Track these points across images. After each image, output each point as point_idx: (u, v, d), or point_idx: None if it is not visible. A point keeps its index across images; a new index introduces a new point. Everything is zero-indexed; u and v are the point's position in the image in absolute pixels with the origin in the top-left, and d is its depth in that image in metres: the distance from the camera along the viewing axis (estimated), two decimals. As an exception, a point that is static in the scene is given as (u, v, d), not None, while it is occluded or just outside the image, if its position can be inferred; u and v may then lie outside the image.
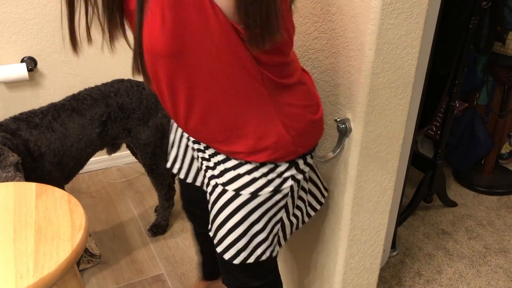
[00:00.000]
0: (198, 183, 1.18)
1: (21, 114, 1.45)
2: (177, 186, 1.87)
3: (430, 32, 1.36)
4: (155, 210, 2.00)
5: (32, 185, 1.08)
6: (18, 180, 1.23)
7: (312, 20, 1.11)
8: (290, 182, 0.96)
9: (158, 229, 1.88)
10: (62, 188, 1.54)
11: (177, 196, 1.95)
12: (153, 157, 1.71)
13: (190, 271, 1.72)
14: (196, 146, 1.05)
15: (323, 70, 1.11)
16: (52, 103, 1.53)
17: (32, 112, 1.46)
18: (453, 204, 2.16)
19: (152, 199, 2.13)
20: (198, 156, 1.07)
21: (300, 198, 1.06)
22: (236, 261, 1.01)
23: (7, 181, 1.22)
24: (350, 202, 1.13)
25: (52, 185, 1.13)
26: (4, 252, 0.87)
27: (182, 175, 1.19)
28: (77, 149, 1.51)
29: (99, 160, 2.35)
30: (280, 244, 1.06)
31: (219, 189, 0.97)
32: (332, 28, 1.04)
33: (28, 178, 1.37)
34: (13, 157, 1.25)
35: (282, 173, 0.95)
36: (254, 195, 0.94)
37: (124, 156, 2.39)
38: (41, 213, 0.98)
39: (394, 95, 1.05)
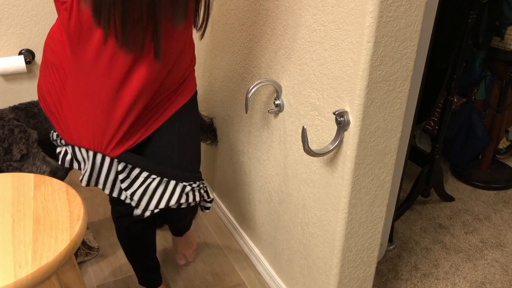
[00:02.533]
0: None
1: (20, 104, 1.46)
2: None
3: (429, 25, 1.36)
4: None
5: (30, 176, 1.08)
6: (43, 156, 1.34)
7: (311, 13, 1.11)
8: None
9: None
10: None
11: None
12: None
13: (187, 263, 1.72)
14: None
15: (322, 63, 1.11)
16: (50, 95, 1.53)
17: (31, 102, 1.47)
18: (450, 199, 2.17)
19: (150, 192, 2.13)
20: None
21: None
22: None
23: (34, 158, 1.31)
24: (347, 195, 1.14)
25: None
26: (3, 241, 0.88)
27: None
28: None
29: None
30: None
31: None
32: (331, 20, 1.04)
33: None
34: (35, 133, 1.33)
35: None
36: None
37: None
38: (39, 203, 0.99)
39: (392, 88, 1.05)
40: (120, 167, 1.15)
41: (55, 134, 1.21)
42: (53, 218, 0.94)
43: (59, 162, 1.15)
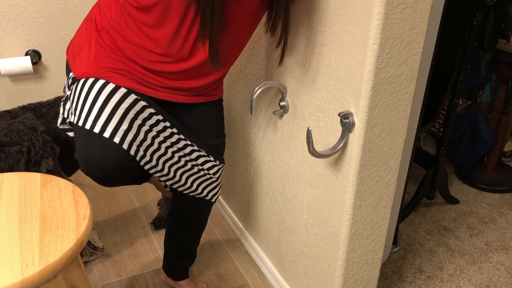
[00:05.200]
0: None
1: (29, 104, 1.47)
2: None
3: (434, 27, 1.36)
4: (158, 204, 2.01)
5: (37, 175, 1.09)
6: (60, 172, 1.41)
7: (316, 14, 1.11)
8: None
9: (161, 222, 1.89)
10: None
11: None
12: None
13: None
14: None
15: (327, 64, 1.11)
16: (58, 96, 1.54)
17: (40, 103, 1.49)
18: (455, 201, 2.16)
19: (155, 193, 2.14)
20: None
21: None
22: None
23: (54, 173, 1.38)
24: (352, 197, 1.14)
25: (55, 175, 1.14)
26: (10, 240, 0.88)
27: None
28: (81, 141, 1.52)
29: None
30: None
31: None
32: (336, 22, 1.05)
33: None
34: (58, 149, 1.37)
35: None
36: None
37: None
38: (46, 202, 0.99)
39: (397, 90, 1.05)
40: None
41: (66, 80, 1.20)
42: (59, 218, 0.95)
43: (61, 109, 1.18)
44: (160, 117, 1.15)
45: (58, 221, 0.94)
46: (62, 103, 1.19)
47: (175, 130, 1.19)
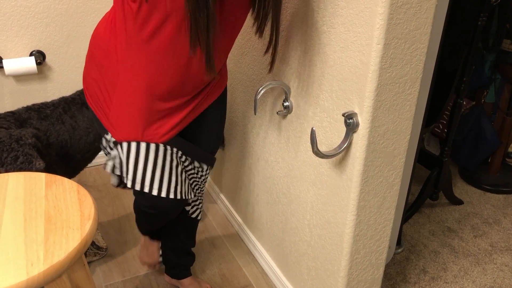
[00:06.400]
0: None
1: (33, 104, 1.48)
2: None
3: (439, 28, 1.36)
4: (161, 204, 2.01)
5: (42, 175, 1.10)
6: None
7: (320, 15, 1.11)
8: None
9: (164, 222, 1.89)
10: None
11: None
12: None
13: (194, 264, 1.73)
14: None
15: (331, 65, 1.11)
16: (63, 97, 1.55)
17: (44, 103, 1.49)
18: (459, 202, 2.15)
19: (158, 193, 2.14)
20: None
21: None
22: None
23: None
24: (356, 197, 1.14)
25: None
26: (15, 240, 0.89)
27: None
28: (86, 142, 1.52)
29: (106, 154, 2.36)
30: None
31: None
32: (341, 22, 1.05)
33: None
34: (40, 165, 1.31)
35: None
36: None
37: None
38: (50, 202, 1.00)
39: (402, 90, 1.05)
40: (169, 154, 1.19)
41: (104, 140, 1.22)
42: (64, 217, 0.95)
43: (108, 169, 1.19)
44: (180, 153, 1.23)
45: (63, 221, 0.94)
46: (111, 161, 1.22)
47: (180, 153, 1.24)
